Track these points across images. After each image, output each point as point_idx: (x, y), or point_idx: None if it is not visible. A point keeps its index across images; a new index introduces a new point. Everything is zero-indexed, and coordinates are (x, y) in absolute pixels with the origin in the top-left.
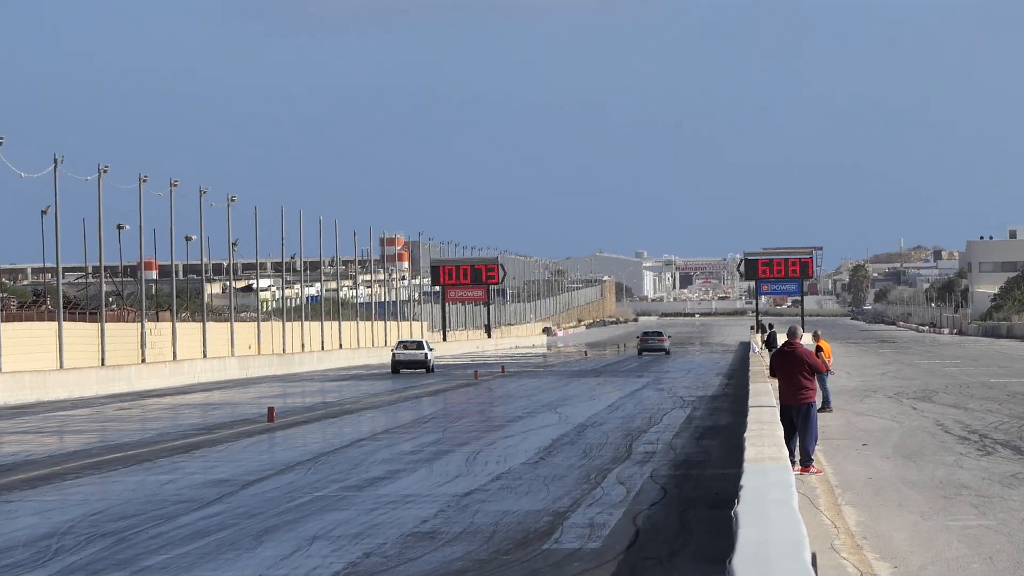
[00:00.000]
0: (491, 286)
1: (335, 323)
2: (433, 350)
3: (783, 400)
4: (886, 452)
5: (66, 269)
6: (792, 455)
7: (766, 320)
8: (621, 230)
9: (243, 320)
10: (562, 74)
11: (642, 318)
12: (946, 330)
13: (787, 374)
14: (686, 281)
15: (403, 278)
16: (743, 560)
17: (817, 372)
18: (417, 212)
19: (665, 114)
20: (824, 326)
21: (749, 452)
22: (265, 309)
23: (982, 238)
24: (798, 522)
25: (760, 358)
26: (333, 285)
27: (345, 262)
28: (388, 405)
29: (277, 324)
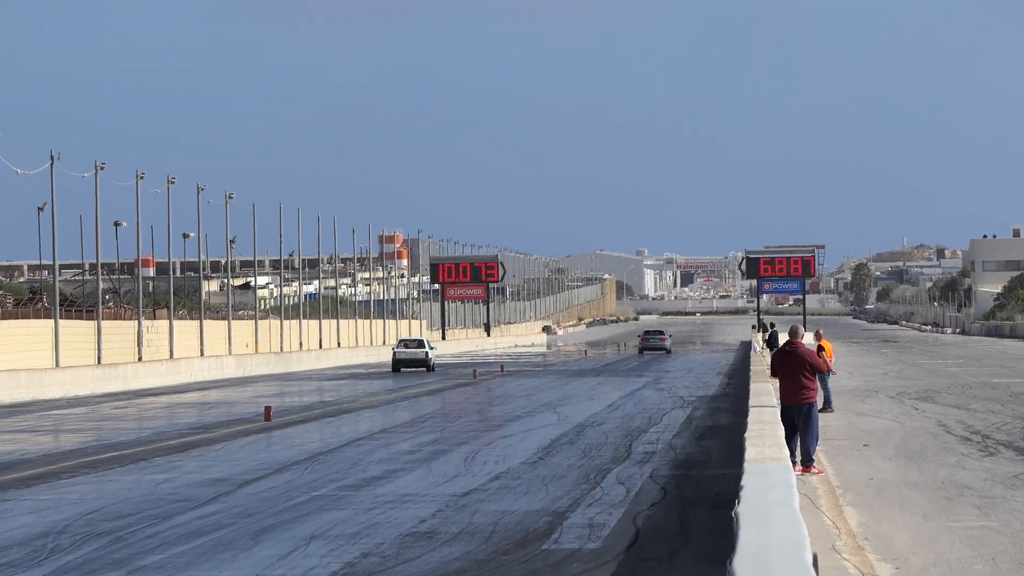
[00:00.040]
0: (491, 284)
1: (333, 321)
2: (434, 349)
3: (784, 400)
4: (888, 453)
5: (63, 266)
6: (793, 455)
7: (767, 319)
8: (621, 229)
9: (241, 318)
10: (562, 74)
11: (643, 317)
12: (949, 329)
13: (788, 374)
14: (687, 280)
15: (402, 276)
16: (744, 561)
17: (819, 372)
18: (417, 210)
19: (665, 114)
20: (826, 325)
21: (750, 452)
22: (263, 307)
23: (985, 237)
24: (799, 523)
25: (761, 357)
26: (332, 283)
27: (344, 260)
28: (386, 404)
29: (275, 322)
